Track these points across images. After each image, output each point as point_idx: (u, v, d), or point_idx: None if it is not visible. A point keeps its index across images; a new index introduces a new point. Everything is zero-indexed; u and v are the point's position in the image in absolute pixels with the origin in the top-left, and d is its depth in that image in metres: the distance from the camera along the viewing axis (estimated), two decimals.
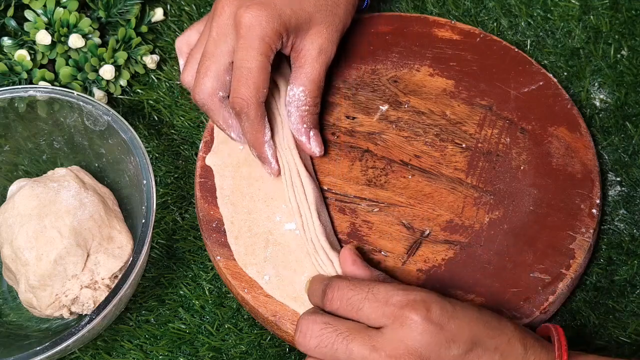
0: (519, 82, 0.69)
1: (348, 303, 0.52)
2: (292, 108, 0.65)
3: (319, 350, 0.51)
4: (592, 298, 0.63)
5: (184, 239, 0.67)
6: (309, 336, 0.52)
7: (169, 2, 0.79)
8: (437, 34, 0.73)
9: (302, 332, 0.52)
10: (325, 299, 0.54)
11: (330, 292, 0.54)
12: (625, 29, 0.75)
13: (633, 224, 0.65)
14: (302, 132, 0.65)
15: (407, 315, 0.50)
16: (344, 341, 0.51)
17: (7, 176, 0.68)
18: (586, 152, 0.66)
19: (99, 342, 0.63)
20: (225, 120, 0.65)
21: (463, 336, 0.50)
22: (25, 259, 0.60)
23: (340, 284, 0.54)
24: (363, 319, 0.52)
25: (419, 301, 0.50)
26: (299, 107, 0.65)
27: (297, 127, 0.65)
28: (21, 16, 0.72)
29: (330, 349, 0.51)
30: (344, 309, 0.53)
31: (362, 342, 0.50)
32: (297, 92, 0.65)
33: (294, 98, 0.65)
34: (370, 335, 0.50)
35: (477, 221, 0.63)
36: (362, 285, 0.53)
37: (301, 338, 0.52)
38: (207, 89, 0.64)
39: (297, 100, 0.65)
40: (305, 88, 0.64)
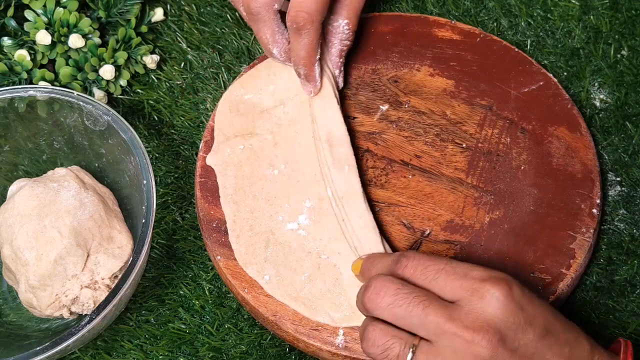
0: (519, 82, 0.69)
1: (424, 272, 0.50)
2: (335, 40, 0.67)
3: (390, 309, 0.49)
4: (592, 298, 0.63)
5: (184, 239, 0.67)
6: (383, 293, 0.49)
7: (169, 2, 0.79)
8: (437, 34, 0.73)
9: (375, 289, 0.50)
10: (399, 265, 0.51)
11: (406, 260, 0.51)
12: (625, 29, 0.75)
13: (633, 224, 0.65)
14: (337, 65, 0.68)
15: (488, 289, 0.48)
16: (420, 304, 0.48)
17: (7, 176, 0.68)
18: (586, 152, 0.66)
19: (99, 342, 0.63)
20: (272, 35, 0.66)
21: (539, 321, 0.49)
22: (25, 259, 0.60)
23: (417, 254, 0.52)
24: (436, 290, 0.50)
25: (501, 278, 0.49)
26: (342, 40, 0.67)
27: (335, 59, 0.67)
28: (21, 16, 0.72)
29: (405, 310, 0.49)
30: (418, 277, 0.50)
31: (439, 309, 0.48)
32: (342, 24, 0.66)
33: (339, 30, 0.66)
34: (447, 305, 0.49)
35: (477, 221, 0.63)
36: (440, 257, 0.51)
37: (374, 294, 0.50)
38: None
39: (341, 33, 0.66)
40: (350, 21, 0.66)
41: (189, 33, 0.78)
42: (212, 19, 0.79)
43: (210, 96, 0.74)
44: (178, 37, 0.77)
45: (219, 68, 0.75)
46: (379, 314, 0.50)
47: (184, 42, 0.77)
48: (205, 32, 0.78)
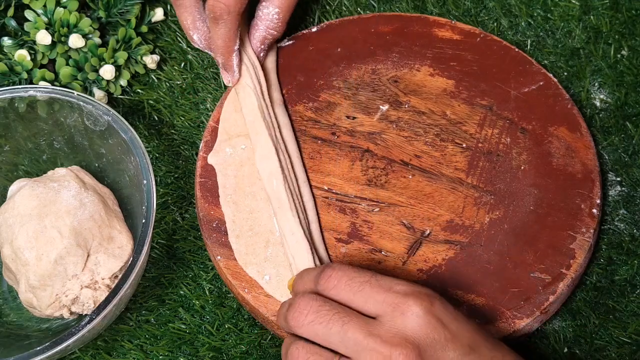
0: (519, 82, 0.69)
1: (348, 283, 0.50)
2: (262, 25, 0.67)
3: (311, 326, 0.49)
4: (592, 298, 0.63)
5: (184, 239, 0.67)
6: (306, 312, 0.49)
7: (169, 2, 0.79)
8: (437, 34, 0.73)
9: (297, 308, 0.50)
10: (324, 274, 0.51)
11: (330, 270, 0.51)
12: (626, 29, 0.75)
13: (633, 224, 0.65)
14: (259, 50, 0.68)
15: (409, 304, 0.48)
16: (339, 321, 0.48)
17: (7, 176, 0.68)
18: (586, 152, 0.66)
19: (99, 342, 0.63)
20: (193, 21, 0.67)
21: (462, 339, 0.48)
22: (25, 259, 0.60)
23: (342, 265, 0.52)
24: (359, 302, 0.49)
25: (423, 293, 0.49)
26: (269, 28, 0.67)
27: (256, 44, 0.68)
28: (21, 16, 0.72)
29: (325, 327, 0.49)
30: (342, 289, 0.50)
31: (359, 326, 0.48)
32: (272, 12, 0.67)
33: (267, 17, 0.67)
34: (367, 322, 0.48)
35: (477, 221, 0.63)
36: (365, 270, 0.51)
37: (296, 313, 0.50)
38: None
39: (270, 20, 0.67)
40: (281, 11, 0.67)
41: None
42: None
43: (210, 96, 0.74)
44: (178, 37, 0.77)
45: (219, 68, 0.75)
46: (302, 332, 0.50)
47: (184, 42, 0.77)
48: None
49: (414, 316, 0.48)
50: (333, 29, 0.74)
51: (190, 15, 0.67)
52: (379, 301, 0.49)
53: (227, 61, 0.66)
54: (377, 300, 0.49)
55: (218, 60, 0.67)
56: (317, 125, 0.69)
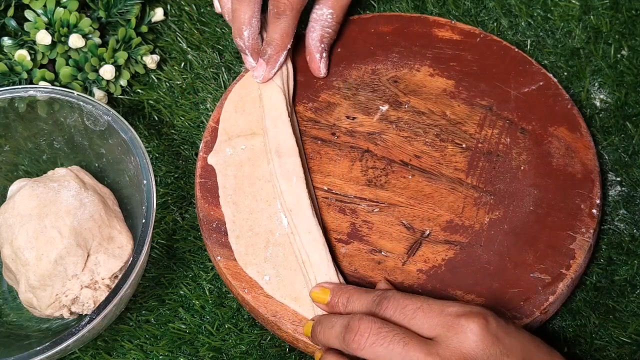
0: (519, 82, 0.69)
1: (402, 311, 0.52)
2: (317, 25, 0.70)
3: (373, 348, 0.51)
4: (592, 298, 0.63)
5: (184, 239, 0.67)
6: (367, 334, 0.51)
7: (169, 2, 0.79)
8: (437, 34, 0.73)
9: (360, 330, 0.51)
10: (380, 306, 0.53)
11: (387, 302, 0.53)
12: (626, 29, 0.75)
13: (633, 224, 0.65)
14: (318, 50, 0.70)
15: (463, 324, 0.50)
16: (400, 342, 0.50)
17: (7, 176, 0.68)
18: (586, 152, 0.66)
19: (99, 342, 0.63)
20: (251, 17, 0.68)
21: (517, 352, 0.50)
22: (26, 259, 0.60)
23: (396, 294, 0.54)
24: (415, 328, 0.51)
25: (475, 312, 0.51)
26: (324, 27, 0.70)
27: (315, 43, 0.70)
28: (21, 16, 0.72)
29: (387, 348, 0.50)
30: (397, 317, 0.52)
31: (418, 346, 0.50)
32: (326, 13, 0.70)
33: (322, 17, 0.70)
34: (426, 342, 0.50)
35: (477, 221, 0.63)
36: (416, 296, 0.53)
37: (357, 335, 0.51)
38: None
39: (324, 20, 0.70)
40: (334, 12, 0.69)
41: (189, 33, 0.78)
42: (212, 19, 0.79)
43: (210, 96, 0.74)
44: (178, 37, 0.77)
45: (219, 68, 0.75)
46: (363, 353, 0.52)
47: (184, 42, 0.77)
48: (205, 32, 0.78)
49: (469, 333, 0.50)
50: None
51: (250, 10, 0.67)
52: (434, 324, 0.51)
53: (276, 55, 0.68)
54: (432, 324, 0.51)
55: (267, 51, 0.68)
56: (317, 126, 0.69)
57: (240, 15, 0.68)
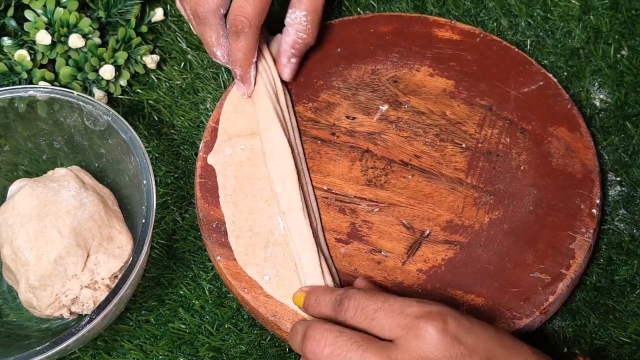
0: (519, 82, 0.69)
1: (363, 312, 0.51)
2: (292, 30, 0.68)
3: (330, 358, 0.50)
4: (592, 298, 0.63)
5: (184, 239, 0.67)
6: (323, 344, 0.50)
7: (169, 2, 0.79)
8: (437, 34, 0.73)
9: (315, 340, 0.51)
10: (341, 307, 0.52)
11: (347, 301, 0.52)
12: (625, 29, 0.75)
13: (633, 224, 0.65)
14: (286, 54, 0.69)
15: (422, 326, 0.49)
16: (358, 350, 0.49)
17: (7, 176, 0.68)
18: (586, 152, 0.66)
19: (99, 342, 0.63)
20: (217, 38, 0.68)
21: (479, 352, 0.49)
22: (25, 259, 0.60)
23: (357, 294, 0.53)
24: (376, 330, 0.50)
25: (435, 313, 0.49)
26: (298, 31, 0.68)
27: (285, 47, 0.68)
28: (21, 16, 0.72)
29: (344, 357, 0.49)
30: (358, 318, 0.51)
31: (377, 352, 0.49)
32: (300, 15, 0.67)
33: (295, 21, 0.68)
34: (384, 346, 0.49)
35: (477, 221, 0.63)
36: (378, 296, 0.52)
37: (314, 345, 0.51)
38: (213, 4, 0.66)
39: (298, 23, 0.68)
40: (308, 13, 0.67)
41: (189, 33, 0.78)
42: None
43: (210, 96, 0.74)
44: (178, 37, 0.77)
45: (219, 68, 0.75)
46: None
47: (184, 42, 0.77)
48: None
49: (427, 336, 0.48)
50: (333, 29, 0.74)
51: (215, 32, 0.67)
52: (394, 326, 0.50)
53: (245, 73, 0.67)
54: (392, 326, 0.50)
55: (236, 72, 0.68)
56: (316, 126, 0.69)
57: (207, 39, 0.68)
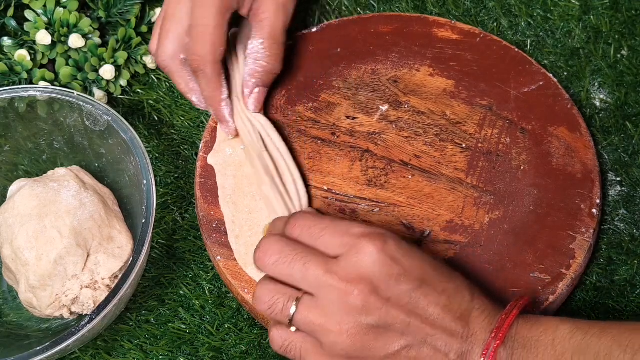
0: (519, 82, 0.69)
1: (309, 231, 0.53)
2: (250, 59, 0.66)
3: (276, 266, 0.52)
4: (592, 298, 0.63)
5: (184, 239, 0.67)
6: (269, 253, 0.53)
7: None
8: (437, 34, 0.73)
9: (262, 249, 0.53)
10: (288, 226, 0.54)
11: (294, 220, 0.54)
12: (626, 29, 0.75)
13: (633, 224, 0.65)
14: (248, 85, 0.66)
15: (363, 245, 0.51)
16: (301, 260, 0.52)
17: (7, 176, 0.68)
18: (586, 152, 0.66)
19: (99, 342, 0.63)
20: (186, 84, 0.66)
21: (414, 273, 0.51)
22: (25, 259, 0.60)
23: (304, 214, 0.55)
24: (321, 248, 0.52)
25: (377, 234, 0.52)
26: (256, 60, 0.66)
27: (246, 78, 0.66)
28: (21, 16, 0.72)
29: (288, 267, 0.52)
30: (305, 236, 0.53)
31: (318, 264, 0.51)
32: (257, 44, 0.65)
33: (253, 50, 0.66)
34: (327, 261, 0.51)
35: (477, 221, 0.63)
36: (324, 217, 0.54)
37: (261, 254, 0.53)
38: (169, 51, 0.65)
39: (256, 52, 0.65)
40: (265, 41, 0.65)
41: None
42: None
43: None
44: None
45: None
46: (267, 271, 0.53)
47: None
48: None
49: (367, 255, 0.51)
50: (333, 29, 0.74)
51: (182, 78, 0.66)
52: (337, 244, 0.52)
53: (217, 112, 0.66)
54: (336, 244, 0.52)
55: (211, 112, 0.67)
56: (317, 126, 0.69)
57: (179, 87, 0.67)
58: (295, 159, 0.65)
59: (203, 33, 0.62)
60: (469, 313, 0.51)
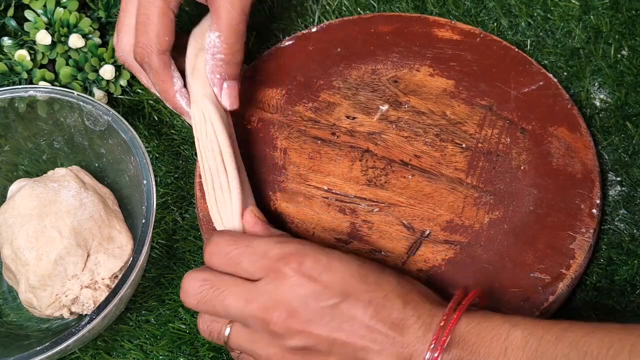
0: (519, 82, 0.69)
1: (227, 258, 0.53)
2: (208, 56, 0.61)
3: (199, 306, 0.53)
4: (592, 298, 0.63)
5: (184, 239, 0.67)
6: (190, 294, 0.53)
7: None
8: (437, 34, 0.73)
9: (183, 290, 0.53)
10: (205, 254, 0.54)
11: (209, 248, 0.54)
12: (626, 29, 0.75)
13: (633, 224, 0.65)
14: (215, 82, 0.61)
15: (279, 268, 0.51)
16: (219, 296, 0.52)
17: (7, 176, 0.68)
18: (586, 152, 0.66)
19: (99, 342, 0.63)
20: (147, 79, 0.64)
21: (335, 288, 0.50)
22: (25, 259, 0.60)
23: (219, 240, 0.54)
24: (242, 274, 0.52)
25: (293, 254, 0.51)
26: (214, 54, 0.61)
27: (211, 76, 0.61)
28: (21, 16, 0.72)
29: (210, 306, 0.52)
30: (225, 265, 0.53)
31: (237, 295, 0.51)
32: (213, 38, 0.61)
33: (210, 45, 0.61)
34: (246, 288, 0.51)
35: (477, 221, 0.63)
36: (241, 240, 0.53)
37: (183, 295, 0.53)
38: (125, 45, 0.63)
39: (213, 47, 0.61)
40: (221, 34, 0.61)
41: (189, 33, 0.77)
42: None
43: None
44: None
45: None
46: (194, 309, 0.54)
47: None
48: None
49: (284, 278, 0.50)
50: (333, 29, 0.74)
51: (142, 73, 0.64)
52: (257, 268, 0.52)
53: (173, 105, 0.62)
54: (255, 269, 0.52)
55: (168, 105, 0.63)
56: (317, 126, 0.69)
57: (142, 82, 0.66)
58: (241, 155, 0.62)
59: (145, 23, 0.60)
60: (402, 322, 0.49)
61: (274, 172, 0.66)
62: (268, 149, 0.67)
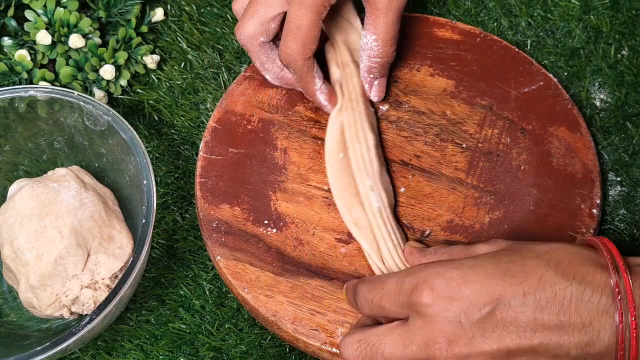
0: (519, 82, 0.70)
1: (372, 306, 0.53)
2: (364, 56, 0.66)
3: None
4: None
5: (184, 239, 0.67)
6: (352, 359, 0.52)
7: (169, 2, 0.79)
8: (437, 34, 0.73)
9: (344, 356, 0.53)
10: (358, 306, 0.55)
11: (359, 301, 0.54)
12: (626, 29, 0.75)
13: (633, 224, 0.65)
14: (367, 81, 0.67)
15: (417, 302, 0.49)
16: (378, 351, 0.51)
17: (7, 176, 0.68)
18: (586, 152, 0.66)
19: (99, 342, 0.63)
20: (262, 64, 0.68)
21: (480, 298, 0.47)
22: (26, 259, 0.60)
23: (362, 288, 0.54)
24: (391, 316, 0.52)
25: (422, 282, 0.49)
26: (370, 56, 0.66)
27: (364, 75, 0.67)
28: (21, 16, 0.72)
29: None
30: (374, 313, 0.53)
31: (394, 343, 0.50)
32: (370, 40, 0.65)
33: (367, 46, 0.66)
34: (398, 333, 0.50)
35: (477, 221, 0.63)
36: (376, 284, 0.53)
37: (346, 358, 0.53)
38: (249, 32, 0.65)
39: (369, 49, 0.65)
40: (378, 37, 0.65)
41: (189, 33, 0.78)
42: (213, 19, 0.79)
43: (210, 96, 0.74)
44: (178, 37, 0.77)
45: (219, 68, 0.75)
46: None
47: (184, 42, 0.77)
48: (206, 32, 0.78)
49: (426, 309, 0.49)
50: None
51: (258, 58, 0.67)
52: (399, 307, 0.51)
53: (314, 101, 0.67)
54: (398, 310, 0.51)
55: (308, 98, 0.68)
56: (317, 125, 0.69)
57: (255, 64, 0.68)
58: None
59: (295, 32, 0.62)
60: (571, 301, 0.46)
61: (274, 172, 0.66)
62: (268, 149, 0.67)
